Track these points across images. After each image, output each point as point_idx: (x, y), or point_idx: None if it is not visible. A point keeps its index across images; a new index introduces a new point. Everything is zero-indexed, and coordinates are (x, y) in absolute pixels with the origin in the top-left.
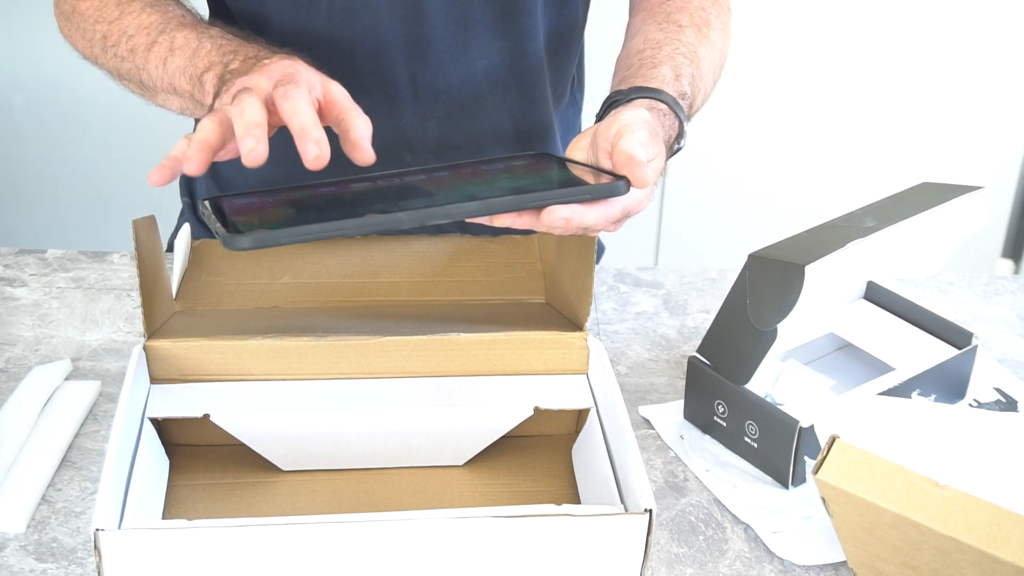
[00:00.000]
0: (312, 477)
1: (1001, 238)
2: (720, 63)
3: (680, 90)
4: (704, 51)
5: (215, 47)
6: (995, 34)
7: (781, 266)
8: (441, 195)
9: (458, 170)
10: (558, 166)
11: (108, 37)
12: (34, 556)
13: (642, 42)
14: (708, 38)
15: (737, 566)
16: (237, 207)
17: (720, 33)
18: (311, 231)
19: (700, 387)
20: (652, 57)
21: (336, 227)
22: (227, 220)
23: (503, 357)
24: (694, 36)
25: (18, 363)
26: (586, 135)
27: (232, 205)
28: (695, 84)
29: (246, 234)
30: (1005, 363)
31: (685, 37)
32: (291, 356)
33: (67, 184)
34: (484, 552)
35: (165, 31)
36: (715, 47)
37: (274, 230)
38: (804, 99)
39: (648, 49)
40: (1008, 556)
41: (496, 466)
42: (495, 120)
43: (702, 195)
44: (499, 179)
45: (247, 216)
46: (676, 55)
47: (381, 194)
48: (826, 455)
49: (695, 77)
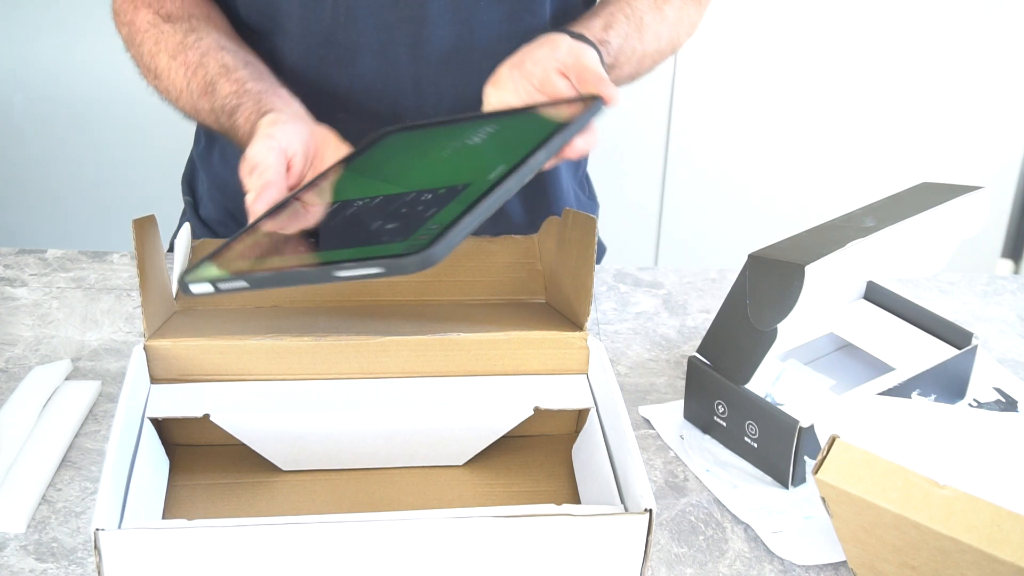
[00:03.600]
0: (312, 477)
1: (1001, 238)
2: (670, 36)
3: (603, 38)
4: (651, 19)
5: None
6: (995, 34)
7: (781, 266)
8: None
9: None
10: (527, 112)
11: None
12: (34, 556)
13: (596, 5)
14: (660, 9)
15: (737, 566)
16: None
17: (677, 10)
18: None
19: (700, 387)
20: (595, 11)
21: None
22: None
23: (503, 357)
24: (646, 4)
25: (18, 363)
26: (504, 70)
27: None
28: (628, 43)
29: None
30: (1005, 363)
31: (637, 2)
32: (291, 356)
33: (67, 184)
34: (484, 552)
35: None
36: (666, 19)
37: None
38: (804, 99)
39: (598, 6)
40: (1008, 556)
41: (496, 466)
42: None
43: (702, 195)
44: (502, 143)
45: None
46: (618, 13)
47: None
48: (826, 455)
49: (628, 36)
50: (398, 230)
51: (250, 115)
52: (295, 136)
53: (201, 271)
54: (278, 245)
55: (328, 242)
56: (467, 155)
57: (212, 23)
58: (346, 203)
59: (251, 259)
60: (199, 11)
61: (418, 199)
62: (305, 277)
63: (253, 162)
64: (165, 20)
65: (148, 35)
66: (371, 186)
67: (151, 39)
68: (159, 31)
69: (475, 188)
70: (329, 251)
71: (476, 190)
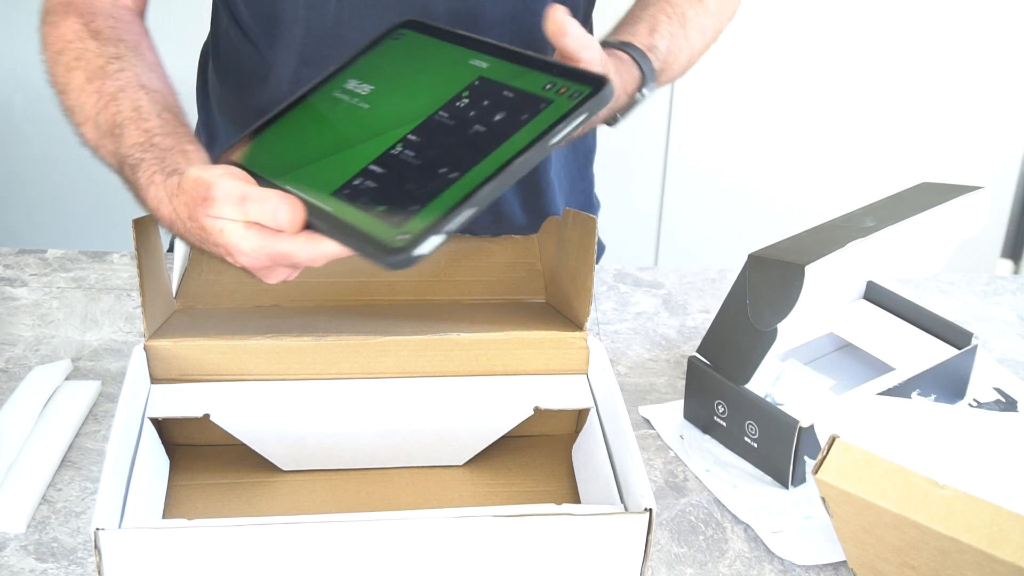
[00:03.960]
0: (312, 477)
1: (1001, 238)
2: (714, 26)
3: (650, 43)
4: (693, 13)
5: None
6: (995, 34)
7: (781, 266)
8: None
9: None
10: (540, 70)
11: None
12: (34, 556)
13: (633, 6)
14: (702, 2)
15: (737, 566)
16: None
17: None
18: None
19: (700, 387)
20: (635, 15)
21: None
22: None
23: (503, 357)
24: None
25: (18, 363)
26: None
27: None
28: (675, 42)
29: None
30: (1005, 363)
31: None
32: (291, 356)
33: (67, 184)
34: (484, 552)
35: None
36: (708, 10)
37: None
38: (804, 99)
39: (635, 9)
40: (1008, 556)
41: (496, 466)
42: None
43: (702, 195)
44: (506, 120)
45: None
46: (659, 14)
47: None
48: (826, 455)
49: (674, 36)
50: (388, 210)
51: (152, 175)
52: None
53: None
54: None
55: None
56: (467, 123)
57: (140, 54)
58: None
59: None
60: (130, 37)
61: (413, 170)
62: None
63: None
64: (92, 36)
65: (71, 46)
66: (378, 107)
67: (72, 52)
68: (83, 46)
69: (467, 181)
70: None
71: (467, 184)
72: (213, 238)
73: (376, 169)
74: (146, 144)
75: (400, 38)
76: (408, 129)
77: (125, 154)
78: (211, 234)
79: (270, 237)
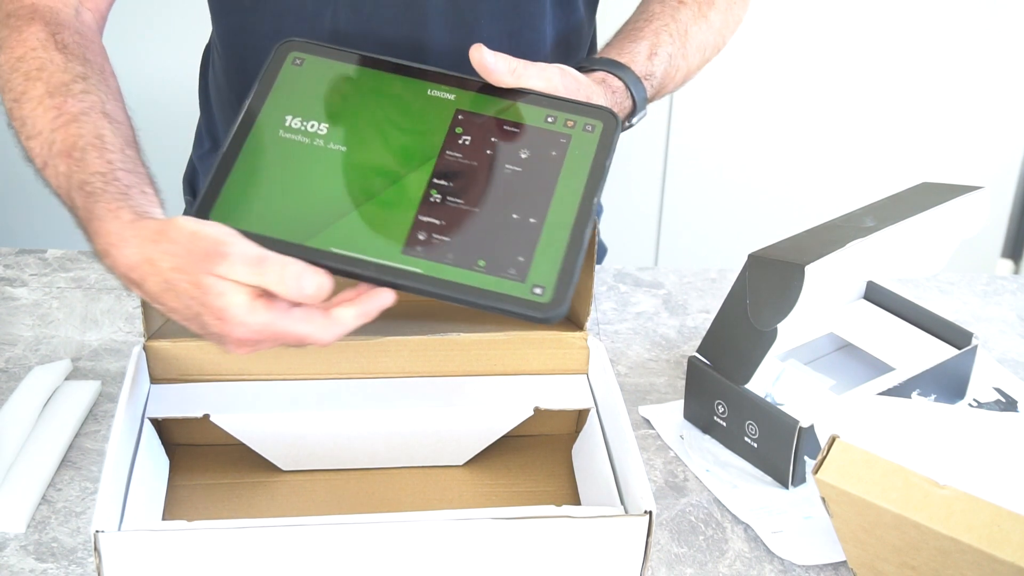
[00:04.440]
0: (312, 477)
1: (1001, 238)
2: (715, 43)
3: (648, 70)
4: (696, 30)
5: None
6: (995, 34)
7: (781, 266)
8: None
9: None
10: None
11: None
12: (34, 556)
13: (639, 13)
14: (706, 17)
15: (737, 566)
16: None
17: (723, 14)
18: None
19: (700, 387)
20: (639, 30)
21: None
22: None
23: (503, 357)
24: (691, 14)
25: (18, 363)
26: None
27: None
28: (673, 63)
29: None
30: (1005, 363)
31: (680, 15)
32: (291, 356)
33: None
34: (483, 553)
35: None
36: (711, 27)
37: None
38: (804, 99)
39: (640, 21)
40: (1008, 556)
41: (496, 466)
42: None
43: (702, 195)
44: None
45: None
46: (662, 31)
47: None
48: (826, 455)
49: (673, 56)
50: (491, 265)
51: (117, 210)
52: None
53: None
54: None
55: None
56: (490, 162)
57: (104, 80)
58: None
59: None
60: (95, 59)
61: (477, 219)
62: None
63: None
64: (58, 49)
65: (33, 54)
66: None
67: (35, 62)
68: (48, 57)
69: (556, 225)
70: (417, 257)
71: (560, 229)
72: (208, 299)
73: (432, 220)
74: (108, 176)
75: (301, 64)
76: (425, 174)
77: (83, 180)
78: (208, 294)
79: (281, 314)
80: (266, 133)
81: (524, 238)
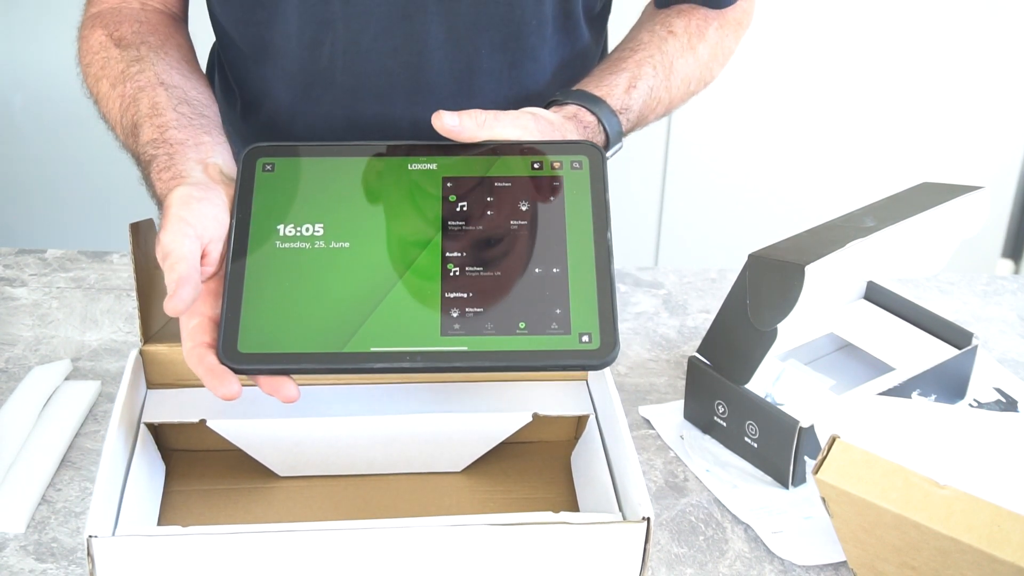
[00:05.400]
0: (309, 483)
1: (1001, 238)
2: (702, 76)
3: (625, 103)
4: (683, 63)
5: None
6: (995, 34)
7: (781, 266)
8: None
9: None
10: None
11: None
12: (34, 556)
13: (627, 41)
14: (694, 49)
15: (737, 566)
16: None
17: (711, 48)
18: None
19: (700, 387)
20: (622, 60)
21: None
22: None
23: None
24: (678, 46)
25: (18, 363)
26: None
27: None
28: (654, 95)
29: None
30: (1005, 363)
31: (667, 46)
32: None
33: (67, 184)
34: (481, 560)
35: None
36: (699, 60)
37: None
38: (804, 99)
39: (625, 51)
40: (1008, 556)
41: (494, 472)
42: None
43: (702, 195)
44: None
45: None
46: (645, 63)
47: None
48: (826, 455)
49: (655, 88)
50: (532, 326)
51: (161, 172)
52: (210, 220)
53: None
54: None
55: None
56: (496, 223)
57: (163, 53)
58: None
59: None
60: (154, 39)
61: (501, 282)
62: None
63: (166, 251)
64: (116, 44)
65: (96, 57)
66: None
67: (98, 63)
68: (107, 55)
69: (580, 268)
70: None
71: (585, 272)
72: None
73: (459, 295)
74: (159, 140)
75: (273, 169)
76: (436, 250)
77: (140, 152)
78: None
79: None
80: (264, 248)
81: (555, 290)
